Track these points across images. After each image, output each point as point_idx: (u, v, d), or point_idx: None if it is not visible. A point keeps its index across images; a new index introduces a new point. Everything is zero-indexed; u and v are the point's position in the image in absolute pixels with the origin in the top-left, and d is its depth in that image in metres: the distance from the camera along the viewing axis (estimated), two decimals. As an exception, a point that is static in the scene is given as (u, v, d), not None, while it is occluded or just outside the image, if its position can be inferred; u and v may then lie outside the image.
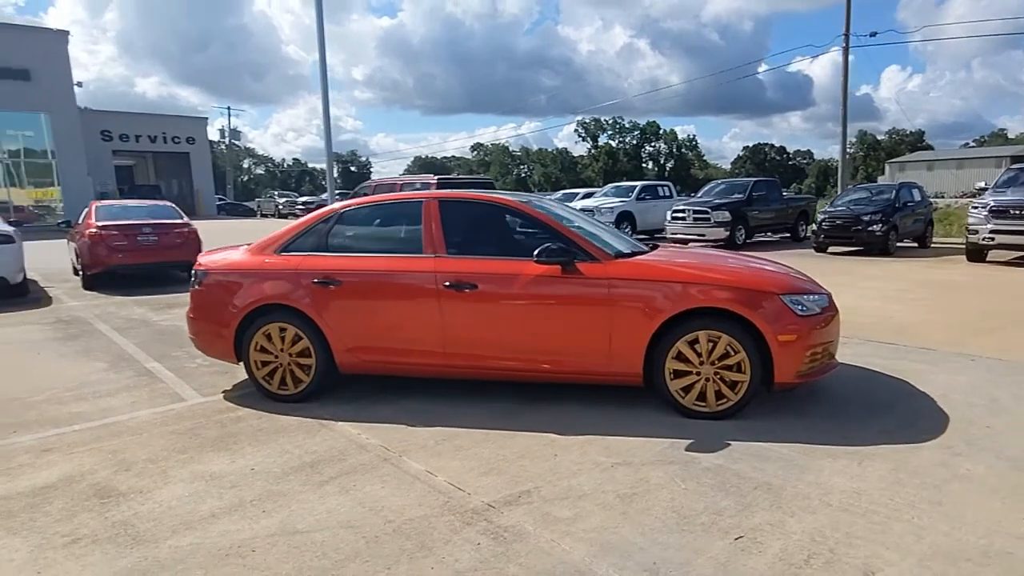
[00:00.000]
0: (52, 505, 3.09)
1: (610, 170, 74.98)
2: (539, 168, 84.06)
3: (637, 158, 79.29)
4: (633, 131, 79.90)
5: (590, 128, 79.69)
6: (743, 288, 3.85)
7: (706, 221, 14.80)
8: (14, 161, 28.08)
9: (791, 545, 2.54)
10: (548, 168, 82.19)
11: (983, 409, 4.00)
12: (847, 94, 20.13)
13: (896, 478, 3.09)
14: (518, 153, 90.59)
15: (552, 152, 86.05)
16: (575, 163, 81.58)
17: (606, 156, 77.80)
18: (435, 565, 2.48)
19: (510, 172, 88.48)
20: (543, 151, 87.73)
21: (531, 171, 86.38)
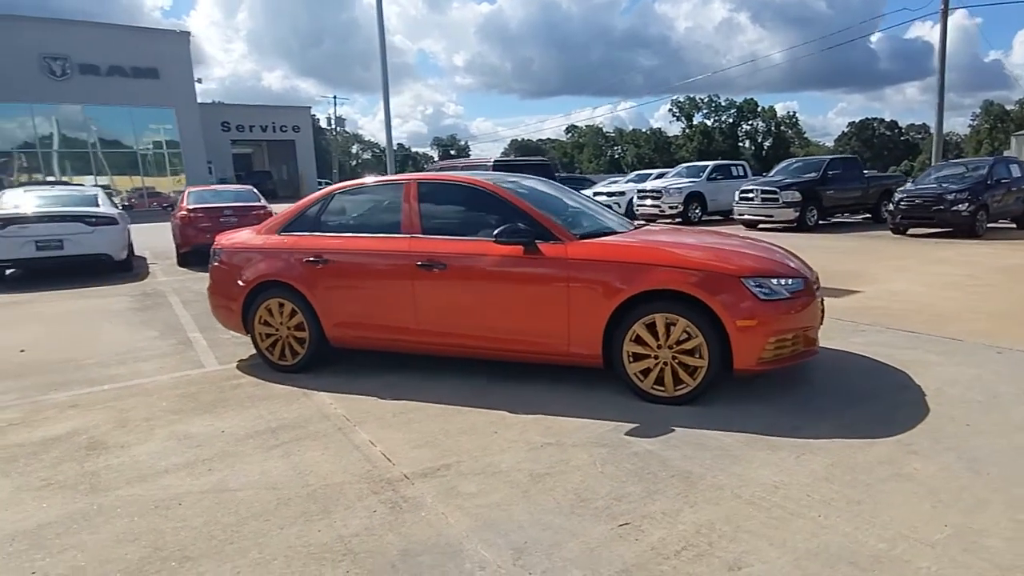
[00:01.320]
0: (48, 454, 3.44)
1: (705, 150, 72.08)
2: (632, 149, 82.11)
3: (733, 137, 75.67)
4: (729, 109, 76.21)
5: (685, 107, 76.74)
6: (700, 270, 3.64)
7: (774, 202, 13.94)
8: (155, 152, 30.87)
9: (672, 535, 2.41)
10: (641, 149, 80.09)
11: (976, 406, 3.58)
12: (944, 59, 18.12)
13: (828, 474, 2.85)
14: (612, 134, 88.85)
15: (646, 132, 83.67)
16: (669, 143, 78.96)
17: (701, 135, 74.76)
18: (323, 528, 2.56)
19: (603, 153, 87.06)
20: (637, 132, 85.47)
21: (624, 152, 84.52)
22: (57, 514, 2.77)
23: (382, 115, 12.62)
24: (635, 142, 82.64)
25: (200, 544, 2.48)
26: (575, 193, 5.28)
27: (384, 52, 10.87)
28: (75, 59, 27.95)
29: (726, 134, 75.48)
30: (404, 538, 2.47)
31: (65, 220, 9.98)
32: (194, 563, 2.35)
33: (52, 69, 27.75)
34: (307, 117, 40.53)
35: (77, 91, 27.95)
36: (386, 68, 10.94)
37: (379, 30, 10.95)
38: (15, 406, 4.23)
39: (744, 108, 76.29)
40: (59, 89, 27.81)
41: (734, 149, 72.30)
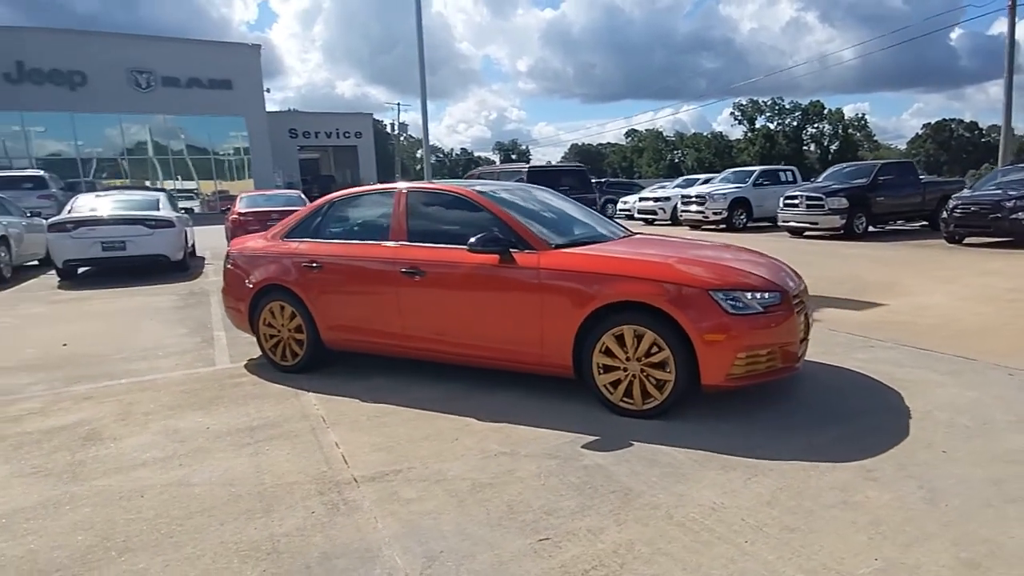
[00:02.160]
0: (49, 443, 3.67)
1: (767, 154, 69.63)
2: (693, 153, 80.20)
3: (797, 140, 72.74)
4: (794, 112, 73.28)
5: (747, 111, 74.36)
6: (667, 282, 3.53)
7: (819, 208, 13.34)
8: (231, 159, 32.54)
9: (587, 554, 2.35)
10: (702, 153, 78.14)
11: (961, 432, 3.33)
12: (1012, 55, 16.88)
13: (772, 498, 2.71)
14: (672, 138, 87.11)
15: (707, 136, 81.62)
16: (730, 147, 76.72)
17: (763, 139, 72.22)
18: (259, 527, 2.63)
19: (663, 158, 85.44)
20: (697, 135, 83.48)
21: (684, 156, 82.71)
22: (34, 500, 2.95)
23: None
24: (695, 146, 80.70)
25: (144, 536, 2.59)
26: (571, 203, 5.21)
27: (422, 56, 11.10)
28: (159, 72, 29.71)
29: (790, 137, 72.61)
30: (329, 540, 2.51)
31: (128, 223, 10.62)
32: (132, 554, 2.46)
33: (138, 82, 29.58)
34: (369, 124, 41.69)
35: (160, 102, 29.70)
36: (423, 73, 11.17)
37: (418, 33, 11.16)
38: (40, 396, 4.53)
39: (809, 111, 73.23)
40: (144, 100, 29.61)
41: (798, 153, 69.52)
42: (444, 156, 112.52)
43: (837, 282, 8.01)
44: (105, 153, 31.15)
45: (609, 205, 23.71)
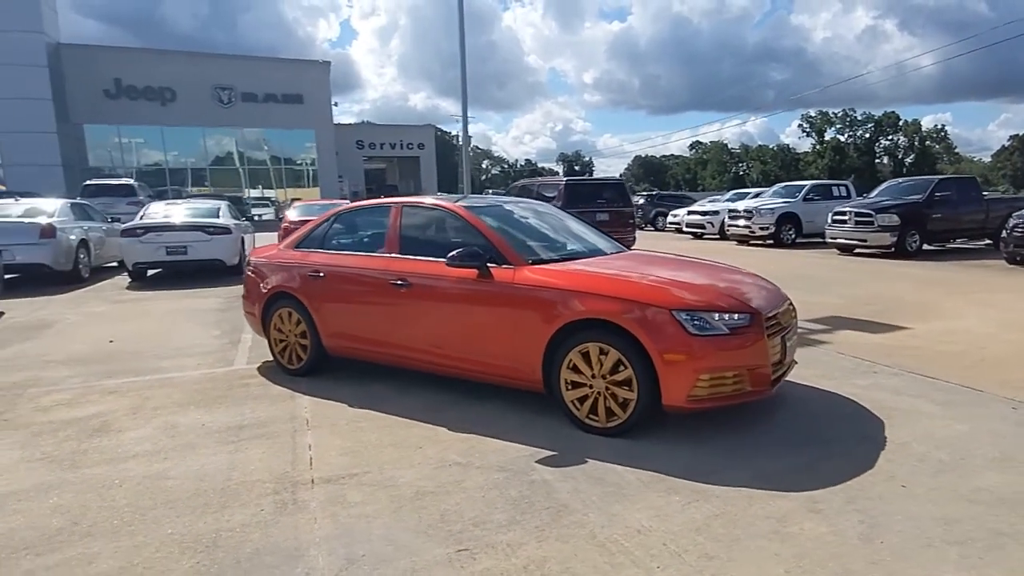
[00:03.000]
0: (64, 432, 3.97)
1: (836, 167, 66.84)
2: (758, 165, 77.87)
3: (869, 153, 69.44)
4: (866, 124, 69.98)
5: (816, 122, 71.57)
6: (631, 300, 3.49)
7: (868, 225, 12.69)
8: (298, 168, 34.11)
9: (498, 567, 2.37)
10: (767, 165, 75.75)
11: (932, 466, 3.13)
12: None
13: (705, 524, 2.64)
14: (737, 150, 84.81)
15: (772, 149, 79.00)
16: (797, 160, 74.00)
17: (832, 152, 69.34)
18: (209, 521, 2.78)
19: (727, 170, 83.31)
20: (763, 148, 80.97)
21: (749, 168, 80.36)
22: (31, 483, 3.22)
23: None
24: (761, 158, 78.30)
25: (108, 523, 2.78)
26: (572, 220, 5.21)
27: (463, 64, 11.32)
28: (239, 88, 31.46)
29: (861, 150, 69.43)
30: (266, 538, 2.62)
31: (189, 229, 11.32)
32: (91, 539, 2.65)
33: (221, 97, 31.41)
34: (431, 135, 42.69)
35: (238, 116, 31.45)
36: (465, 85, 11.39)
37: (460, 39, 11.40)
38: (73, 389, 4.90)
39: (883, 122, 69.78)
40: (225, 114, 31.43)
41: (870, 166, 66.37)
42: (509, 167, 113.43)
43: (867, 302, 7.62)
44: (190, 163, 33.17)
45: (659, 218, 23.35)
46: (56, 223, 11.02)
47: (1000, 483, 2.93)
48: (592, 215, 12.02)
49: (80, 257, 11.56)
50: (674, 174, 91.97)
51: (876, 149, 70.95)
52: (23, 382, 5.06)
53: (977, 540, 2.45)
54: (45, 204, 12.04)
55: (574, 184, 12.36)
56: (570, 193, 12.03)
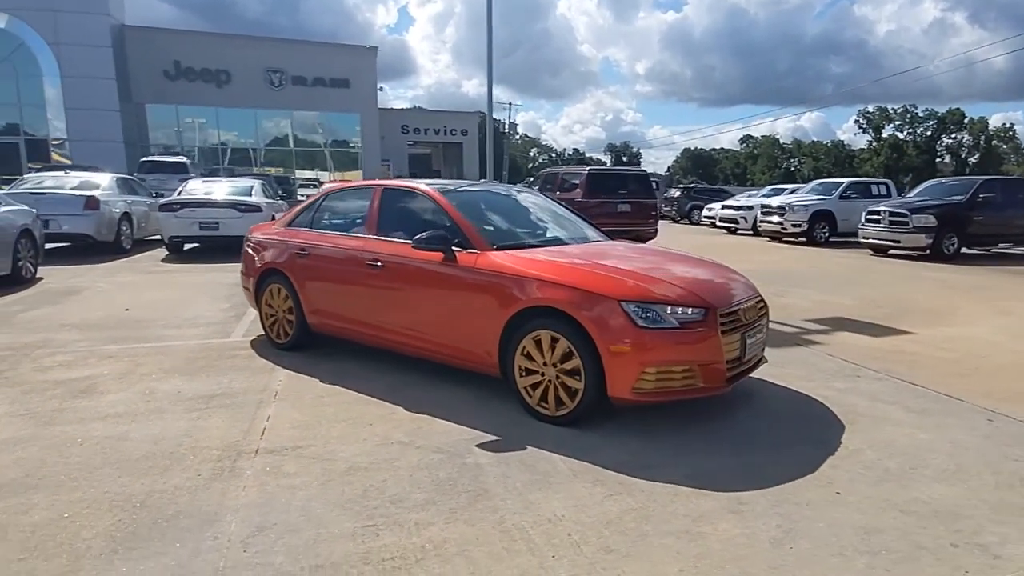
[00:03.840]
0: (53, 391, 4.17)
1: (893, 165, 63.95)
2: (810, 162, 75.14)
3: (930, 152, 66.02)
4: (928, 120, 66.52)
5: (874, 118, 68.46)
6: (580, 289, 3.43)
7: (903, 226, 12.09)
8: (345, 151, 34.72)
9: (397, 544, 2.38)
10: (820, 162, 72.98)
11: (878, 475, 2.98)
12: None
13: (618, 518, 2.59)
14: (789, 146, 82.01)
15: (826, 145, 76.02)
16: (851, 157, 71.03)
17: (889, 149, 66.26)
18: (147, 482, 2.87)
19: (778, 165, 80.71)
20: (817, 144, 78.01)
21: (800, 164, 77.64)
22: (5, 436, 3.39)
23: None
24: (813, 154, 75.48)
25: (56, 478, 2.91)
26: (557, 207, 5.14)
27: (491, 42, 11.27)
28: (290, 72, 32.08)
29: (921, 148, 66.06)
30: (192, 501, 2.71)
31: (222, 207, 11.68)
32: (34, 492, 2.78)
33: (272, 81, 32.09)
34: (474, 122, 42.67)
35: (288, 99, 32.10)
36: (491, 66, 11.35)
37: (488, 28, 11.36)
38: (76, 352, 5.14)
39: (947, 119, 66.20)
40: (276, 97, 32.11)
41: (930, 165, 63.12)
42: (556, 156, 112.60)
43: (880, 305, 7.29)
44: (244, 144, 34.09)
45: (695, 211, 22.84)
46: (100, 196, 11.52)
47: (942, 495, 2.77)
48: (613, 206, 11.89)
49: (123, 229, 12.08)
50: (723, 168, 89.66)
51: (937, 148, 67.41)
52: (34, 343, 5.34)
53: (893, 552, 2.33)
54: (92, 177, 12.59)
55: (596, 174, 12.19)
56: (591, 183, 11.90)
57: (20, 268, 8.42)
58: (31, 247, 8.84)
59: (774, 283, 8.96)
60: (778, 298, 7.77)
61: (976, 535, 2.45)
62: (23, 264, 8.51)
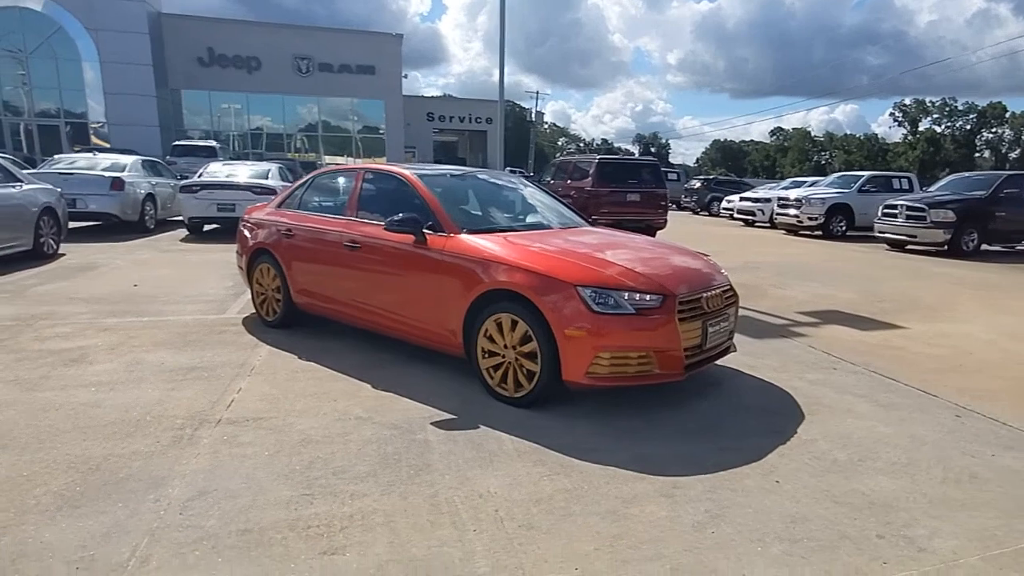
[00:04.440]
0: (46, 360, 4.32)
1: (929, 160, 61.97)
2: (841, 155, 73.18)
3: (968, 146, 63.70)
4: (967, 114, 64.12)
5: (910, 111, 66.26)
6: (538, 273, 3.42)
7: (920, 220, 11.72)
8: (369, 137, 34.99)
9: (327, 513, 2.43)
10: (852, 155, 71.04)
11: (824, 465, 2.94)
12: None
13: (548, 497, 2.60)
14: (820, 138, 79.95)
15: (859, 138, 73.91)
16: (885, 150, 68.96)
17: (926, 143, 64.12)
18: (108, 447, 2.97)
19: (809, 159, 78.79)
20: (849, 137, 75.89)
21: (832, 158, 75.68)
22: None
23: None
24: (845, 148, 73.48)
25: (24, 440, 3.03)
26: (537, 193, 5.12)
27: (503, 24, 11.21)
28: (317, 59, 32.41)
29: (959, 142, 63.77)
30: (144, 466, 2.79)
31: (238, 189, 11.90)
32: (1, 451, 2.91)
33: (300, 67, 32.47)
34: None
35: (316, 85, 32.47)
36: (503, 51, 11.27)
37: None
38: (77, 324, 5.31)
39: (987, 113, 63.72)
40: (304, 83, 32.50)
41: (967, 160, 60.96)
42: (585, 145, 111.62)
43: (881, 299, 7.11)
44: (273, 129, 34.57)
45: (715, 203, 22.48)
46: (126, 177, 11.82)
47: (883, 488, 2.72)
48: (623, 195, 11.78)
49: (147, 209, 12.38)
50: (752, 160, 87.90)
51: (977, 142, 65.02)
52: (40, 315, 5.54)
53: (814, 540, 2.30)
54: (119, 159, 12.93)
55: (606, 162, 12.06)
56: (601, 172, 11.78)
57: (42, 244, 8.71)
58: (53, 224, 9.12)
59: (778, 275, 8.81)
60: (777, 290, 7.65)
61: (907, 527, 2.41)
62: (45, 240, 8.80)
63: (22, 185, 8.65)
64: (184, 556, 2.13)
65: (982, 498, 2.65)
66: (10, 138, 29.06)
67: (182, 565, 2.09)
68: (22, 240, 8.27)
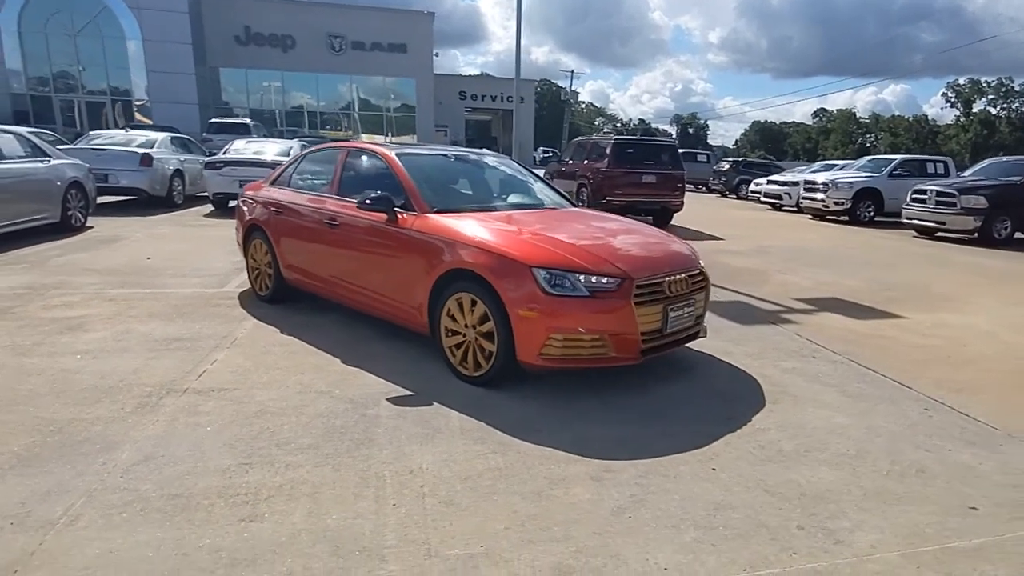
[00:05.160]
0: (46, 327, 4.51)
1: (983, 143, 59.05)
2: (887, 137, 70.24)
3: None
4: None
5: (964, 92, 63.02)
6: (497, 254, 3.41)
7: (950, 206, 11.20)
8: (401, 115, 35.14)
9: (256, 482, 2.50)
10: (899, 138, 68.11)
11: (767, 454, 2.88)
12: None
13: (477, 474, 2.63)
14: (866, 120, 76.82)
15: (907, 120, 70.74)
16: (935, 133, 65.90)
17: (979, 125, 61.01)
18: (75, 411, 3.10)
19: (853, 141, 75.90)
20: (897, 118, 72.71)
21: (878, 140, 72.73)
22: (-18, 364, 3.74)
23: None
24: (892, 129, 70.45)
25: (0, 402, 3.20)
26: (520, 173, 5.07)
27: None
28: (350, 37, 32.53)
29: (1015, 125, 60.47)
30: (102, 431, 2.91)
31: (260, 166, 12.08)
32: (-22, 412, 3.07)
33: (333, 45, 32.66)
34: (531, 89, 42.19)
35: (348, 63, 32.65)
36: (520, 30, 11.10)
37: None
38: (84, 294, 5.52)
39: (1047, 95, 60.18)
40: (336, 61, 32.72)
41: (1022, 143, 57.78)
42: (622, 125, 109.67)
43: (888, 288, 6.86)
44: (308, 107, 35.00)
45: (743, 186, 21.91)
46: (155, 154, 12.16)
47: (821, 479, 2.66)
48: (639, 176, 11.60)
49: (175, 185, 12.73)
50: (793, 143, 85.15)
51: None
52: (52, 284, 5.77)
53: (730, 529, 2.27)
54: (150, 136, 13.29)
55: (623, 144, 11.86)
56: (617, 153, 11.61)
57: (69, 217, 9.04)
58: (81, 198, 9.45)
59: (787, 261, 8.58)
60: (781, 275, 7.45)
61: (831, 519, 2.35)
62: (72, 213, 9.14)
63: (50, 160, 8.97)
64: (111, 517, 2.23)
65: (923, 493, 2.56)
66: (61, 114, 30.07)
67: (107, 525, 2.18)
68: (49, 213, 8.60)
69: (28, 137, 9.02)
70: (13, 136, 8.57)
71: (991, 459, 2.87)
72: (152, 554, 2.03)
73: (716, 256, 8.42)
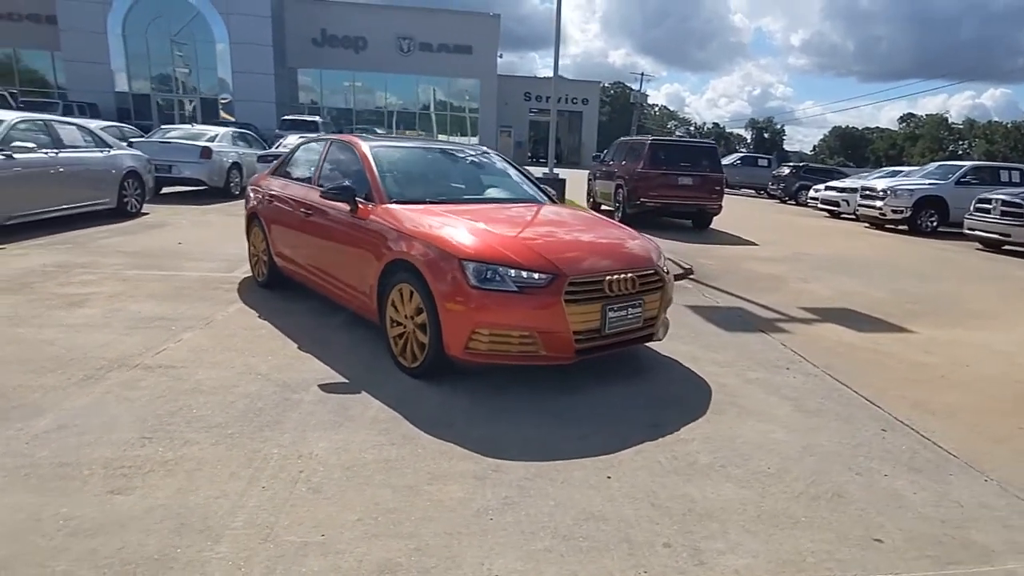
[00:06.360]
0: (51, 302, 4.79)
1: (1092, 151, 53.37)
2: (982, 144, 64.83)
3: None
4: None
5: (1072, 96, 57.17)
6: (430, 245, 3.33)
7: (1017, 217, 10.17)
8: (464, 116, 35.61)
9: (155, 456, 2.55)
10: (995, 145, 62.73)
11: (678, 465, 2.66)
12: None
13: (362, 464, 2.57)
14: (959, 126, 71.22)
15: (1005, 126, 65.03)
16: (1036, 140, 60.25)
17: (1089, 133, 55.27)
18: (28, 379, 3.26)
19: (943, 147, 70.53)
20: (994, 124, 66.96)
21: (971, 147, 67.29)
22: (-22, 334, 4.01)
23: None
24: (988, 136, 64.95)
25: (-27, 366, 3.41)
26: (495, 168, 4.98)
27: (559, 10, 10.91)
28: (418, 39, 33.19)
29: None
30: (39, 399, 3.03)
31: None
32: (-53, 374, 3.29)
33: (402, 47, 33.42)
34: (596, 92, 41.70)
35: (416, 64, 33.32)
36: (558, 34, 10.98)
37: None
38: (103, 274, 5.84)
39: None
40: (404, 62, 33.46)
41: None
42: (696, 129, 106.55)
43: (913, 301, 6.29)
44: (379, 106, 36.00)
45: (803, 192, 20.78)
46: (214, 147, 12.83)
47: (719, 496, 2.44)
48: (675, 178, 11.20)
49: (232, 176, 13.37)
50: (875, 148, 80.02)
51: None
52: (81, 264, 6.15)
53: (590, 540, 2.11)
54: (210, 130, 14.02)
55: (658, 144, 11.47)
56: (653, 154, 11.25)
57: (125, 203, 9.64)
58: (137, 186, 10.06)
59: (816, 269, 8.03)
60: (800, 283, 6.98)
61: (706, 539, 2.14)
62: (128, 200, 9.74)
63: (110, 150, 9.60)
64: (-6, 479, 2.32)
65: (826, 519, 2.29)
66: (159, 112, 32.24)
67: (-14, 485, 2.27)
68: (106, 199, 9.20)
69: (90, 129, 9.69)
70: (76, 127, 9.22)
71: (929, 489, 2.54)
72: (6, 516, 2.09)
73: (741, 262, 7.98)
